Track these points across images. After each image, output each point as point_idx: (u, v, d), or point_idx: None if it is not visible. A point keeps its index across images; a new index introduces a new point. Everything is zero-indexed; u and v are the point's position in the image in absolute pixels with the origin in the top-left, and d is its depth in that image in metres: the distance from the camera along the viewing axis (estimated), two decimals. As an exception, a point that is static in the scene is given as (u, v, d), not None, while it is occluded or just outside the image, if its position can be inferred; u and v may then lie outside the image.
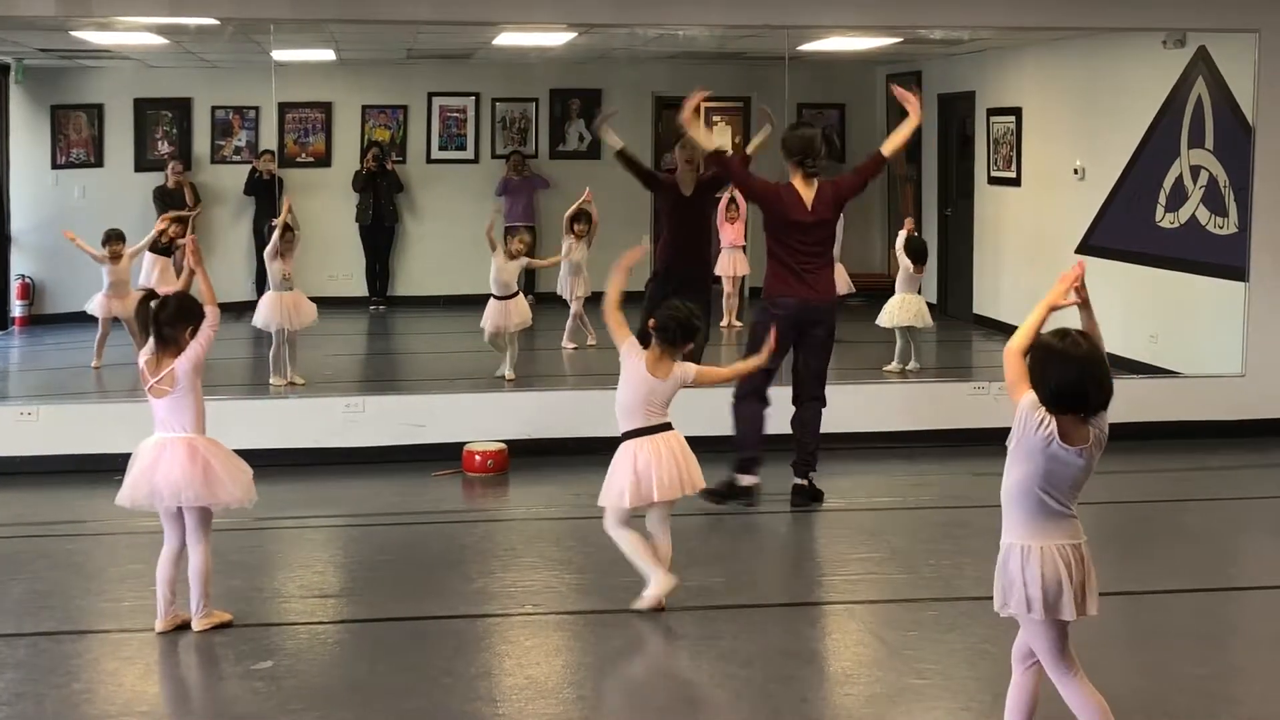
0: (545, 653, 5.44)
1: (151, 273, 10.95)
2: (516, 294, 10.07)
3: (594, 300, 11.04)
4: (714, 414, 7.39)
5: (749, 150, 8.21)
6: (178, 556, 5.47)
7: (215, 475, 5.34)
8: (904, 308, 10.38)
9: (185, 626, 5.49)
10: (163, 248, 10.93)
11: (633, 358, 5.70)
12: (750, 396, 7.33)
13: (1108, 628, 5.71)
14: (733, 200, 11.79)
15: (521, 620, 5.71)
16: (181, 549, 5.47)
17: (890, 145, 7.43)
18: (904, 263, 10.42)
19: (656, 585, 5.68)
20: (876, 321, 10.46)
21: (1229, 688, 5.03)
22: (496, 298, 10.02)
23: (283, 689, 4.96)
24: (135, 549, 6.77)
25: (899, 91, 7.49)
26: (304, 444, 8.45)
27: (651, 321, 5.74)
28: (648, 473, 5.61)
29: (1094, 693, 4.09)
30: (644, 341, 5.76)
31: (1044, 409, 3.93)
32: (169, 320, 5.35)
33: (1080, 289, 4.14)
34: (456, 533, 7.18)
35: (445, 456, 8.34)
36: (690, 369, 5.75)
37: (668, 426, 5.73)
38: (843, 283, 11.59)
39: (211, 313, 5.39)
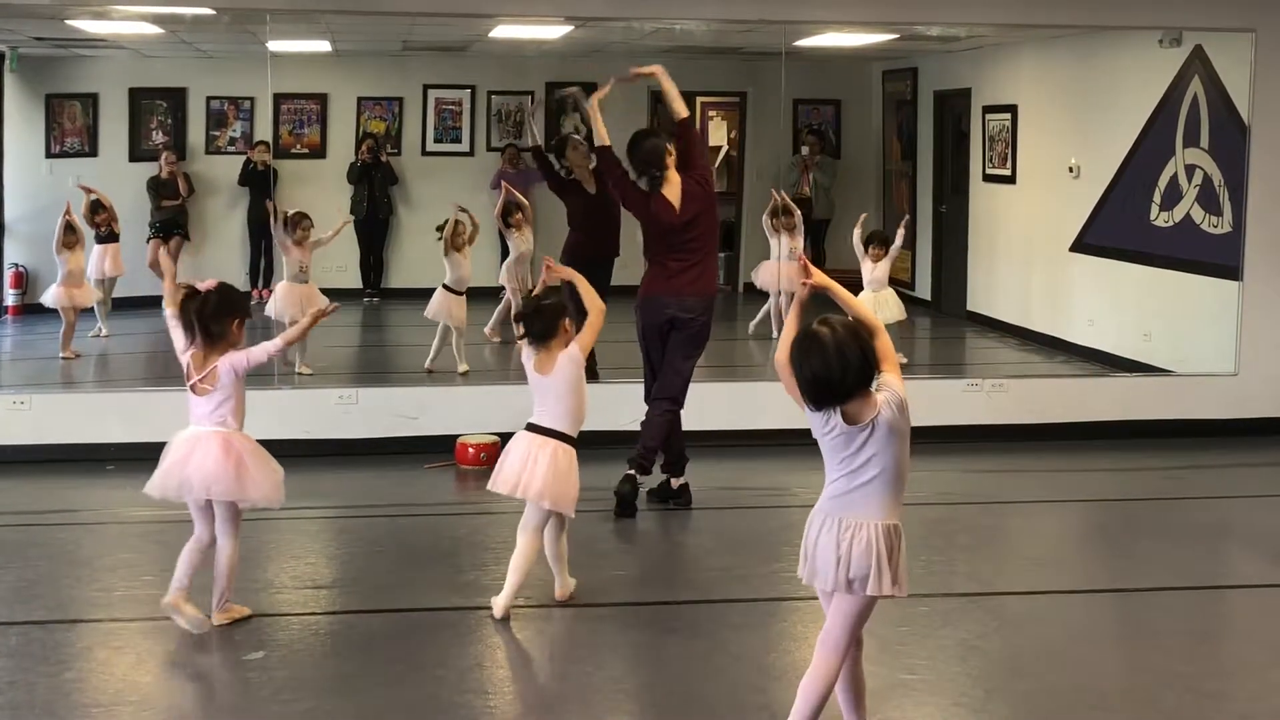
0: (536, 645, 5.45)
1: (101, 262, 10.99)
2: (464, 294, 10.11)
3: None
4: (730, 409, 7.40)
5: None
6: (205, 548, 5.41)
7: (247, 471, 5.30)
8: (878, 305, 10.35)
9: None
10: (104, 236, 10.95)
11: (524, 356, 5.64)
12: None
13: (1098, 625, 5.75)
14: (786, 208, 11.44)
15: (513, 612, 5.69)
16: (210, 543, 5.41)
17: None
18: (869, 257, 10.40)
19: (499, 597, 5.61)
20: None
21: (1218, 686, 5.04)
22: (455, 292, 10.05)
23: (274, 680, 4.96)
24: (127, 538, 6.78)
25: None
26: (296, 435, 8.43)
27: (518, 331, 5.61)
28: (502, 462, 5.57)
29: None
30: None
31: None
32: (213, 315, 5.26)
33: (805, 279, 4.19)
34: (449, 525, 7.18)
35: (438, 449, 8.34)
36: (574, 349, 5.57)
37: (559, 436, 5.55)
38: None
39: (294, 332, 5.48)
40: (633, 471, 7.15)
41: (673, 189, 7.08)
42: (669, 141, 7.15)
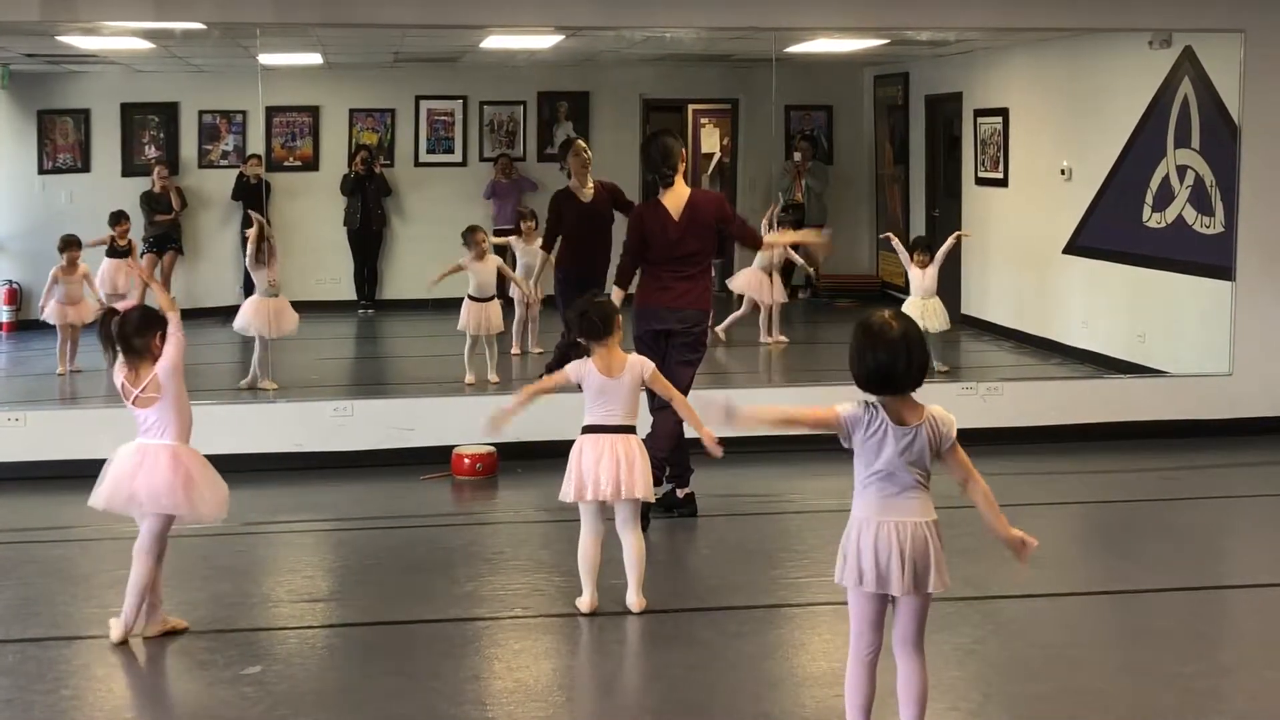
0: (534, 656, 5.44)
1: (115, 276, 10.96)
2: (493, 298, 10.08)
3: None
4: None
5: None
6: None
7: (195, 486, 5.32)
8: (925, 314, 10.30)
9: (174, 632, 5.48)
10: (120, 251, 10.95)
11: (581, 370, 5.64)
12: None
13: (1095, 627, 5.75)
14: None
15: (510, 623, 5.71)
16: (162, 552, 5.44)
17: (774, 238, 8.94)
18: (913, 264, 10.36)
19: (584, 599, 5.72)
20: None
21: (1216, 686, 5.04)
22: (476, 300, 10.04)
23: (272, 694, 4.95)
24: (122, 555, 6.73)
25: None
26: (292, 448, 8.43)
27: (567, 331, 5.68)
28: (592, 471, 5.59)
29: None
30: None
31: (867, 406, 4.05)
32: (135, 330, 5.31)
33: None
34: (445, 536, 7.18)
35: (434, 460, 8.33)
36: (649, 366, 5.69)
37: (628, 429, 5.67)
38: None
39: (173, 318, 5.34)
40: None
41: (676, 199, 7.10)
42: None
